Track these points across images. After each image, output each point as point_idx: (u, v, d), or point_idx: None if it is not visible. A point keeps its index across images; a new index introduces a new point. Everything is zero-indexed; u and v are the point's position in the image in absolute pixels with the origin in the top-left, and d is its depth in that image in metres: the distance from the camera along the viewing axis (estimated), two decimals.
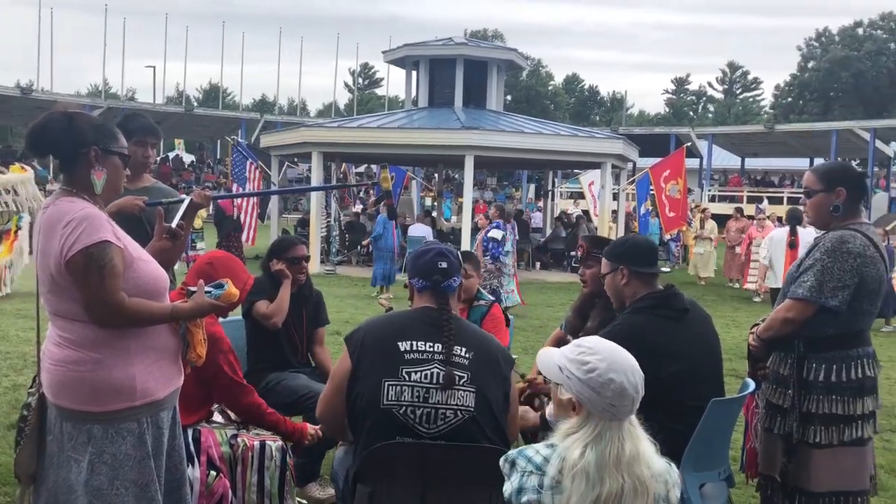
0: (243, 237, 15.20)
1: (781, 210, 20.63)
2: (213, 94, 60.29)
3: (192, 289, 2.58)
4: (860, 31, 49.69)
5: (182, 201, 3.61)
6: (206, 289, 2.60)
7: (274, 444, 3.37)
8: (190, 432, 3.23)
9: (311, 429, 3.46)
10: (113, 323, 2.38)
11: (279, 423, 3.41)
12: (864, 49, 47.34)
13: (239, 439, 3.33)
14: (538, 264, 19.02)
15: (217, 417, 3.55)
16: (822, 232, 3.28)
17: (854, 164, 39.55)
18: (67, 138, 2.44)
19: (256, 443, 3.33)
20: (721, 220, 19.02)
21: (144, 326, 2.45)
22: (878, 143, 32.53)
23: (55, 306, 2.44)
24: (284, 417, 3.46)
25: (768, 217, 16.31)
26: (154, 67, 44.66)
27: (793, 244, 9.59)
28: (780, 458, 3.15)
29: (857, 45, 48.02)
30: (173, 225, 2.86)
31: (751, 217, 17.75)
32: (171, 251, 3.64)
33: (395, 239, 13.65)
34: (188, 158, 41.65)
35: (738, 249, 15.49)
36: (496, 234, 11.32)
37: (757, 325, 3.31)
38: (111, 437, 2.39)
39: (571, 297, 4.21)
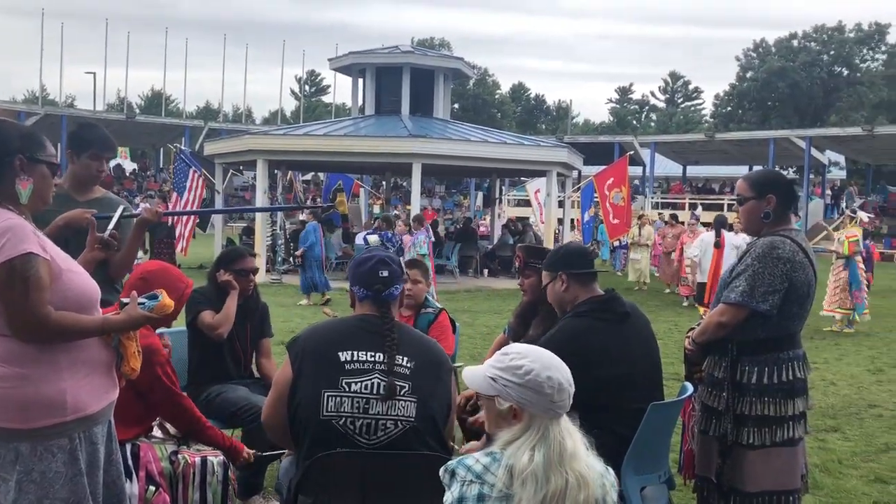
0: (177, 247, 15.01)
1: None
2: (155, 101, 59.23)
3: (125, 300, 2.52)
4: (795, 42, 51.29)
5: (136, 216, 3.55)
6: (140, 300, 2.54)
7: (215, 458, 3.31)
8: (128, 447, 3.16)
9: (246, 452, 3.42)
10: (39, 337, 2.31)
11: (216, 439, 3.36)
12: (800, 60, 48.86)
13: (179, 456, 3.27)
14: (486, 271, 19.12)
15: (157, 432, 3.48)
16: (750, 237, 3.38)
17: (791, 171, 40.96)
18: None
19: (197, 459, 3.27)
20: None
21: (74, 340, 2.38)
22: (814, 152, 33.63)
23: None
24: (223, 433, 3.41)
25: (701, 223, 16.62)
26: (94, 73, 43.71)
27: (717, 244, 10.29)
28: (716, 459, 3.22)
29: (792, 56, 49.54)
30: (105, 234, 2.79)
31: (683, 223, 18.01)
32: (123, 261, 3.58)
33: (324, 247, 13.62)
34: (130, 167, 40.77)
35: (673, 255, 15.65)
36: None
37: (693, 329, 3.39)
38: (40, 455, 2.32)
39: (523, 299, 4.26)
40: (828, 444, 5.74)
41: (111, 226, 2.93)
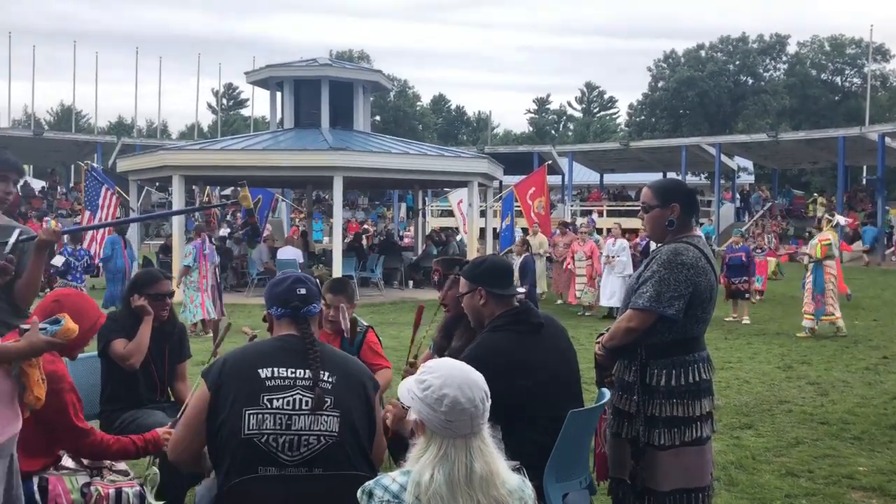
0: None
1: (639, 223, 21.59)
2: (65, 117, 57.16)
3: (26, 327, 2.42)
4: (703, 53, 53.19)
5: (33, 238, 3.41)
6: (41, 325, 2.44)
7: (131, 489, 3.20)
8: (35, 480, 3.02)
9: (162, 431, 3.28)
10: None
11: (128, 448, 3.21)
12: (707, 70, 50.64)
13: (92, 488, 3.14)
14: (411, 283, 19.12)
15: (67, 462, 3.34)
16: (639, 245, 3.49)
17: (702, 177, 42.39)
18: None
19: (111, 490, 3.16)
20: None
21: None
22: (724, 158, 34.92)
23: None
24: (131, 438, 3.26)
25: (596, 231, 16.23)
26: None
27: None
28: (629, 460, 3.31)
29: (700, 66, 51.31)
30: (0, 261, 2.68)
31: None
32: (26, 285, 3.42)
33: (127, 260, 13.42)
34: (38, 185, 39.16)
35: (565, 265, 14.94)
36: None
37: (602, 334, 3.47)
38: None
39: (444, 315, 4.27)
40: (742, 441, 5.95)
41: (7, 250, 2.81)
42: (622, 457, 3.36)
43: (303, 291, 2.79)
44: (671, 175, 35.45)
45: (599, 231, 18.30)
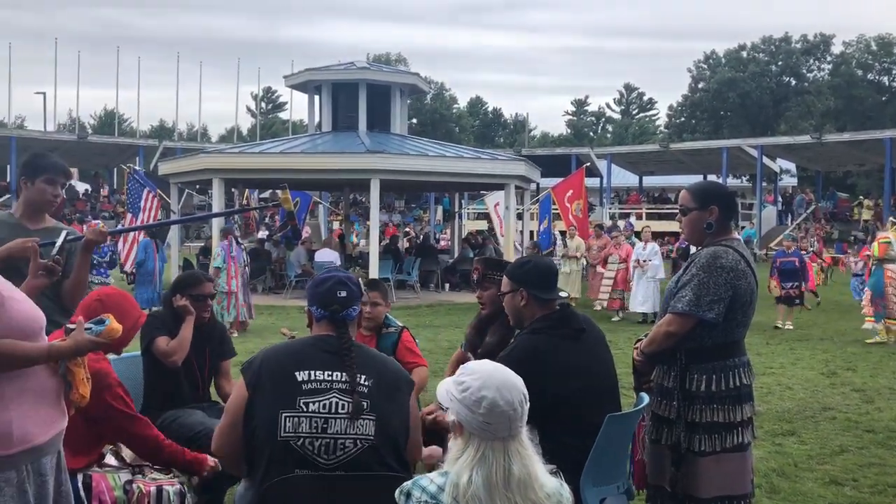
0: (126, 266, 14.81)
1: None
2: (108, 121, 58.26)
3: (72, 326, 2.47)
4: (744, 53, 52.49)
5: (80, 239, 3.49)
6: (87, 325, 2.49)
7: (171, 488, 3.24)
8: (80, 478, 3.09)
9: (211, 461, 3.34)
10: None
11: (177, 455, 3.28)
12: (749, 71, 50.00)
13: (134, 485, 3.20)
14: (447, 286, 19.14)
15: (110, 460, 3.40)
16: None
17: (744, 179, 41.77)
18: None
19: (153, 488, 3.20)
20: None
21: (19, 368, 2.33)
22: (766, 160, 34.35)
23: None
24: (183, 448, 3.34)
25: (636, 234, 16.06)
26: (44, 94, 42.87)
27: None
28: (669, 467, 3.27)
29: (742, 67, 50.67)
30: (48, 261, 2.74)
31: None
32: (74, 286, 3.51)
33: (158, 263, 13.59)
34: (82, 188, 40.02)
35: (599, 268, 14.67)
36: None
37: (641, 340, 3.43)
38: None
39: (479, 312, 4.25)
40: (784, 448, 5.84)
41: (54, 251, 2.87)
42: (661, 463, 3.32)
43: (343, 294, 2.79)
44: (711, 177, 35.00)
45: (638, 234, 18.09)
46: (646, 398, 3.43)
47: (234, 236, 12.02)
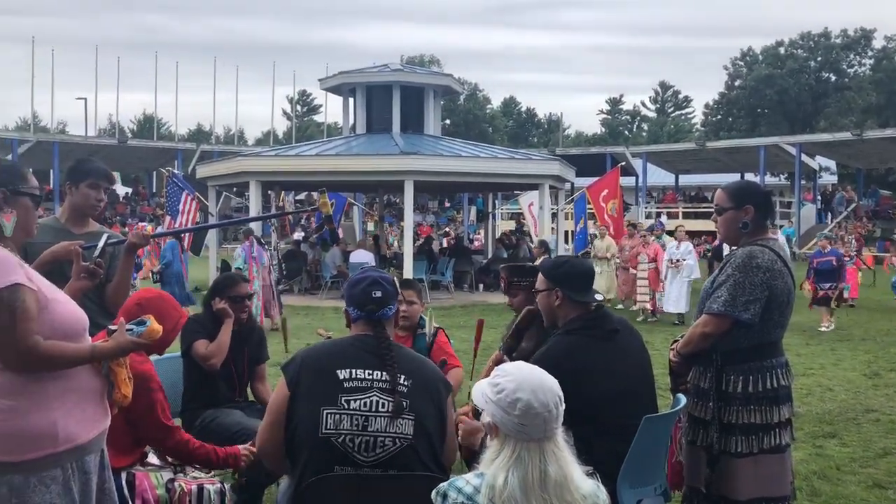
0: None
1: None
2: (147, 125, 59.28)
3: (114, 328, 2.53)
4: (782, 50, 51.62)
5: (122, 242, 3.57)
6: (128, 327, 2.55)
7: (212, 486, 3.29)
8: (123, 475, 3.16)
9: (244, 449, 3.38)
10: (28, 367, 2.32)
11: (209, 455, 3.33)
12: (787, 67, 49.13)
13: (176, 483, 3.26)
14: (481, 286, 19.12)
15: (152, 459, 3.47)
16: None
17: (782, 177, 41.10)
18: None
19: (194, 486, 3.26)
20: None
21: (63, 369, 2.39)
22: (805, 157, 33.76)
23: None
24: (214, 447, 3.37)
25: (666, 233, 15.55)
26: (85, 99, 43.80)
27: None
28: (705, 469, 3.24)
29: (779, 63, 49.81)
30: (90, 263, 2.81)
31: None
32: (117, 288, 3.60)
33: (184, 264, 13.78)
34: (122, 191, 40.78)
35: (631, 269, 14.14)
36: None
37: (677, 341, 3.41)
38: (34, 487, 2.31)
39: (514, 316, 4.24)
40: (825, 450, 5.74)
41: (96, 254, 2.94)
42: (697, 465, 3.29)
43: (378, 294, 2.82)
44: (749, 176, 34.50)
45: (671, 233, 17.84)
46: (682, 399, 3.40)
47: (256, 237, 12.18)
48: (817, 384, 8.11)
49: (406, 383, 2.68)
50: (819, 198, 36.22)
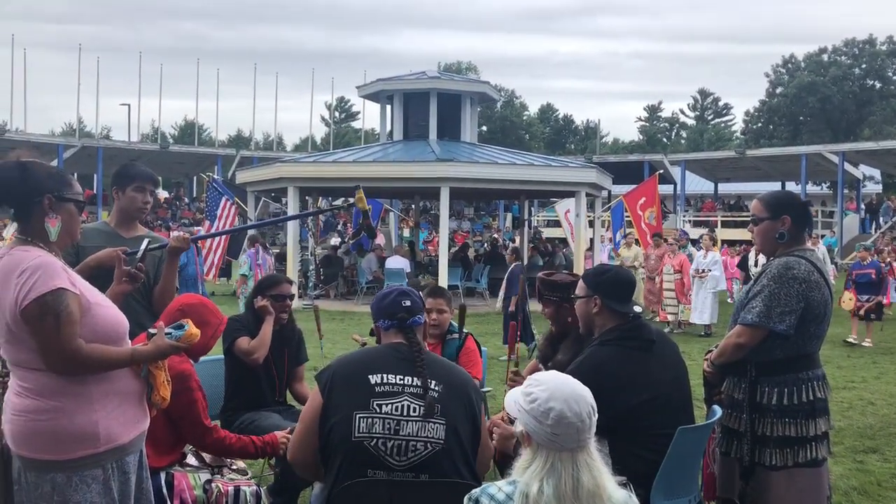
0: (208, 275, 15.30)
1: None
2: (188, 131, 60.24)
3: (153, 331, 2.59)
4: (825, 57, 50.73)
5: (163, 246, 3.65)
6: (167, 330, 2.61)
7: (248, 488, 3.35)
8: (162, 475, 3.22)
9: (281, 436, 3.44)
10: (71, 370, 2.39)
11: (247, 447, 3.38)
12: (830, 74, 48.28)
13: (213, 485, 3.32)
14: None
15: (191, 460, 3.53)
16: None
17: (824, 186, 40.35)
18: (21, 188, 2.45)
19: (231, 488, 3.32)
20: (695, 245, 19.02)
21: (104, 372, 2.45)
22: (848, 166, 33.10)
23: (13, 356, 2.44)
24: (251, 438, 3.43)
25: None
26: (129, 105, 44.61)
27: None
28: (738, 481, 3.21)
29: (822, 70, 48.97)
30: (131, 268, 2.88)
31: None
32: (162, 292, 3.69)
33: (198, 267, 13.91)
34: (163, 195, 41.49)
35: (657, 279, 13.89)
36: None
37: (711, 351, 3.38)
38: (75, 486, 2.38)
39: (549, 326, 4.24)
40: (866, 465, 5.63)
41: (138, 257, 3.01)
42: (731, 477, 3.27)
43: (408, 303, 2.87)
44: (790, 185, 33.95)
45: (695, 242, 17.53)
46: (718, 411, 3.37)
47: (262, 244, 12.34)
48: (858, 398, 7.95)
49: (437, 388, 2.71)
50: (863, 207, 35.49)
